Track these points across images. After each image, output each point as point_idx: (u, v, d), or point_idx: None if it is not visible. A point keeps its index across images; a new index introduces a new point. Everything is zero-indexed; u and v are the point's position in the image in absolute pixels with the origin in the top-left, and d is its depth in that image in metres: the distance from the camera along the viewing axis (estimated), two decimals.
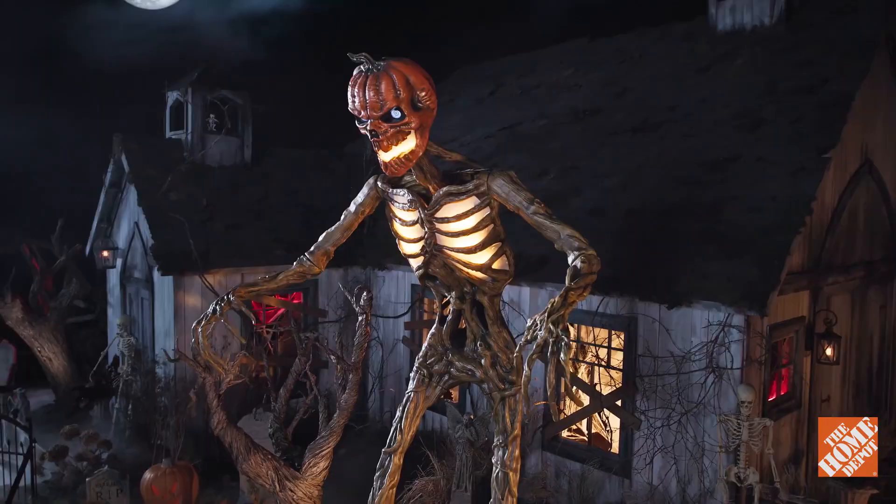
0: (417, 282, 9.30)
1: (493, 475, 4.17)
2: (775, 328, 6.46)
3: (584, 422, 7.59)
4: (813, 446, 7.30)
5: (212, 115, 9.47)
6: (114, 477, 7.12)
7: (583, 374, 7.73)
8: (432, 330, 4.41)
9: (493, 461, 4.20)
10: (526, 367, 2.97)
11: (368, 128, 3.47)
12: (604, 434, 7.80)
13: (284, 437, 6.49)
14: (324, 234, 4.44)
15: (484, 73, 12.69)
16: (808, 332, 7.10)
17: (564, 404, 7.58)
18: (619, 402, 6.87)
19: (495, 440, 4.20)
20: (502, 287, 4.12)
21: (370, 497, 4.35)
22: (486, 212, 3.81)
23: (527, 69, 11.70)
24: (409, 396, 4.35)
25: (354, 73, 3.50)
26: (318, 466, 6.07)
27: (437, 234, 3.89)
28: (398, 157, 3.54)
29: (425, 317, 9.48)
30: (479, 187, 3.74)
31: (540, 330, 3.00)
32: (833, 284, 7.46)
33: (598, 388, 7.55)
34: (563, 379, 2.85)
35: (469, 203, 3.78)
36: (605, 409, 7.00)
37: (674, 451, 6.36)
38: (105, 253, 9.26)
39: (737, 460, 5.97)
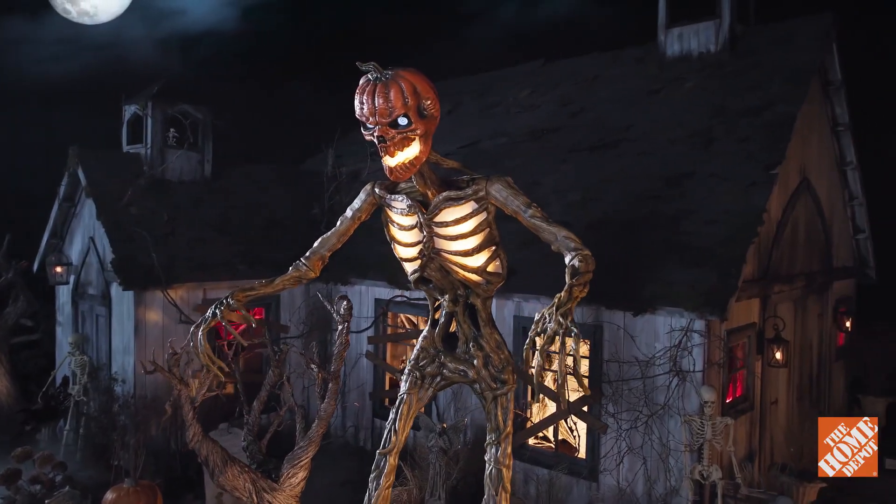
0: (381, 296, 9.45)
1: (487, 472, 4.30)
2: (731, 333, 6.85)
3: (551, 429, 7.80)
4: (765, 445, 7.73)
5: (172, 130, 9.37)
6: (74, 498, 6.89)
7: (549, 382, 7.95)
8: (423, 333, 4.53)
9: (485, 458, 4.34)
10: (538, 355, 3.15)
11: (376, 134, 3.60)
12: (571, 440, 8.03)
13: (259, 450, 6.45)
14: (319, 240, 4.52)
15: (441, 92, 12.94)
16: (759, 337, 7.54)
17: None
18: (585, 408, 7.12)
19: (488, 438, 4.33)
20: (495, 289, 4.29)
21: (366, 498, 4.41)
22: (482, 216, 3.98)
23: (484, 89, 12.04)
24: (403, 398, 4.44)
25: (362, 81, 3.64)
26: (296, 477, 6.06)
27: (435, 238, 4.04)
28: (403, 163, 3.68)
29: (389, 331, 9.56)
30: (477, 192, 3.91)
31: (550, 322, 3.19)
32: (779, 293, 7.96)
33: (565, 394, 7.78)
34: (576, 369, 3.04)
35: (467, 208, 3.95)
36: (572, 416, 7.23)
37: (642, 452, 6.64)
38: (58, 269, 8.98)
39: (700, 458, 6.28)
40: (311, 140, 12.14)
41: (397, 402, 4.47)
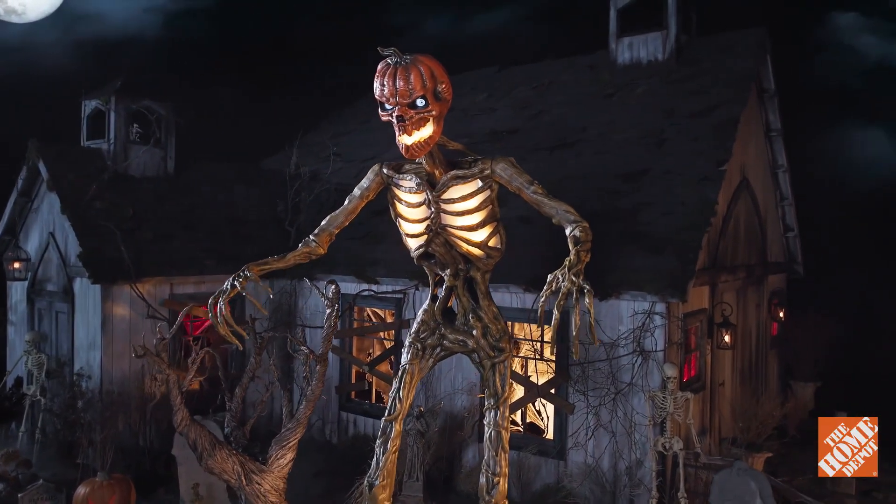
0: (348, 291, 9.62)
1: (486, 435, 4.61)
2: (687, 316, 7.41)
3: (519, 413, 8.17)
4: (715, 421, 8.33)
5: (135, 125, 9.31)
6: (49, 491, 6.78)
7: (517, 366, 8.33)
8: (424, 307, 4.81)
9: (484, 423, 4.65)
10: (556, 311, 3.51)
11: (396, 113, 3.89)
12: (539, 423, 8.42)
13: (243, 435, 6.54)
14: (328, 218, 4.74)
15: None
16: (709, 322, 8.15)
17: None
18: (553, 391, 7.53)
19: (486, 403, 4.64)
20: (493, 263, 4.63)
21: (374, 462, 4.63)
22: (486, 193, 4.32)
23: None
24: (406, 368, 4.70)
25: (381, 65, 3.92)
26: (284, 458, 6.21)
27: (442, 214, 4.34)
28: (419, 142, 3.98)
29: (355, 325, 9.74)
30: (482, 171, 4.25)
31: (564, 281, 3.55)
32: (725, 282, 8.62)
33: (532, 378, 8.17)
34: (588, 318, 3.41)
35: (473, 185, 4.28)
36: (539, 399, 7.62)
37: (611, 427, 7.08)
38: (16, 264, 8.75)
39: (663, 431, 6.77)
40: (269, 140, 12.25)
41: (400, 373, 4.73)
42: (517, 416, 8.31)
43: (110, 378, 8.24)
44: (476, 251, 4.47)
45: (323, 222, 4.73)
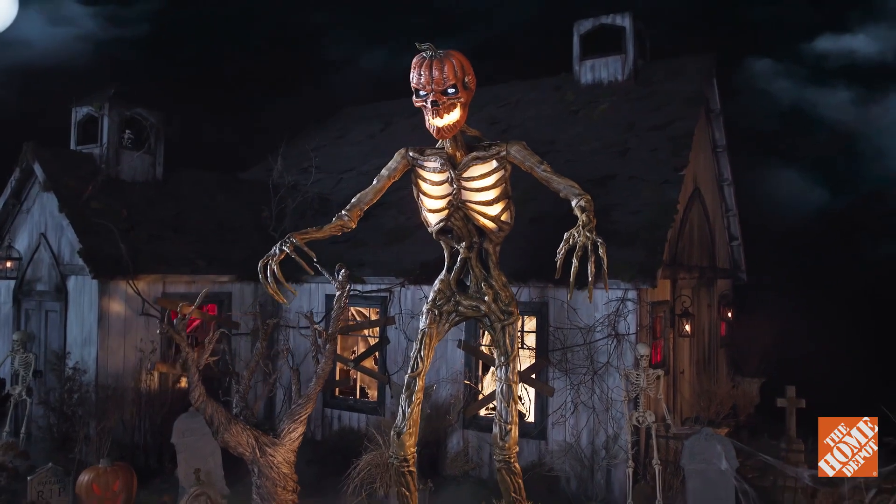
0: (332, 292, 10.07)
1: (498, 389, 5.21)
2: (654, 305, 8.21)
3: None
4: (678, 403, 9.12)
5: (128, 131, 9.65)
6: (57, 475, 6.96)
7: None
8: (440, 277, 5.42)
9: (496, 378, 5.25)
10: (575, 260, 4.18)
11: (431, 98, 4.54)
12: (521, 407, 9.01)
13: (252, 415, 6.92)
14: (357, 196, 5.30)
15: (371, 112, 13.95)
16: (671, 313, 8.99)
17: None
18: (533, 376, 8.17)
19: (497, 361, 5.26)
20: (503, 236, 5.28)
21: (399, 413, 5.16)
22: (501, 173, 5.00)
23: (414, 110, 13.06)
24: (425, 332, 5.28)
25: (416, 58, 4.60)
26: (296, 432, 6.63)
27: (462, 191, 4.99)
28: (448, 124, 4.64)
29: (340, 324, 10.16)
30: (499, 153, 4.94)
31: (579, 237, 4.23)
32: (683, 279, 9.50)
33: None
34: (602, 264, 4.10)
35: (490, 165, 4.96)
36: (522, 383, 8.23)
37: (591, 402, 7.75)
38: (9, 263, 8.89)
39: (637, 406, 7.48)
40: (246, 154, 12.70)
41: (420, 336, 5.30)
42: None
43: (106, 373, 8.45)
44: (490, 224, 5.13)
45: (353, 199, 5.29)
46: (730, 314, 12.01)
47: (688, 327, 8.91)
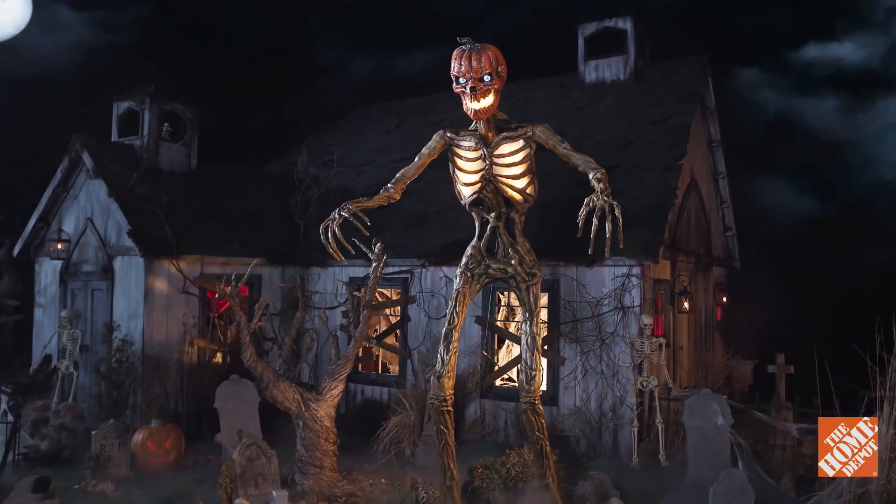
0: (356, 275, 10.82)
1: (523, 342, 5.97)
2: (656, 282, 8.98)
3: (515, 370, 9.48)
4: (678, 374, 9.86)
5: (166, 124, 10.39)
6: (118, 430, 7.65)
7: (514, 328, 9.69)
8: (473, 242, 6.19)
9: (520, 332, 6.01)
10: (595, 220, 4.93)
11: (470, 85, 5.31)
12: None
13: (294, 375, 7.65)
14: (400, 171, 6.06)
15: (385, 111, 14.72)
16: (671, 292, 9.76)
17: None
18: (546, 347, 8.92)
19: (522, 317, 6.02)
20: (528, 207, 6.05)
21: (438, 360, 5.91)
22: (527, 151, 5.78)
23: (426, 108, 13.92)
24: (459, 290, 6.04)
25: (457, 51, 5.38)
26: (336, 389, 7.37)
27: (493, 166, 5.76)
28: (484, 107, 5.43)
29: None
30: (526, 133, 5.72)
31: (598, 201, 5.00)
32: (682, 262, 10.28)
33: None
34: (618, 223, 4.86)
35: (518, 144, 5.74)
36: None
37: (600, 368, 8.50)
38: (59, 245, 9.60)
39: (641, 371, 8.24)
40: (265, 148, 13.41)
41: (455, 294, 6.06)
42: (513, 374, 9.63)
43: (151, 344, 9.16)
44: (517, 196, 5.90)
45: (397, 174, 6.05)
46: (724, 299, 12.78)
47: (686, 304, 9.68)
